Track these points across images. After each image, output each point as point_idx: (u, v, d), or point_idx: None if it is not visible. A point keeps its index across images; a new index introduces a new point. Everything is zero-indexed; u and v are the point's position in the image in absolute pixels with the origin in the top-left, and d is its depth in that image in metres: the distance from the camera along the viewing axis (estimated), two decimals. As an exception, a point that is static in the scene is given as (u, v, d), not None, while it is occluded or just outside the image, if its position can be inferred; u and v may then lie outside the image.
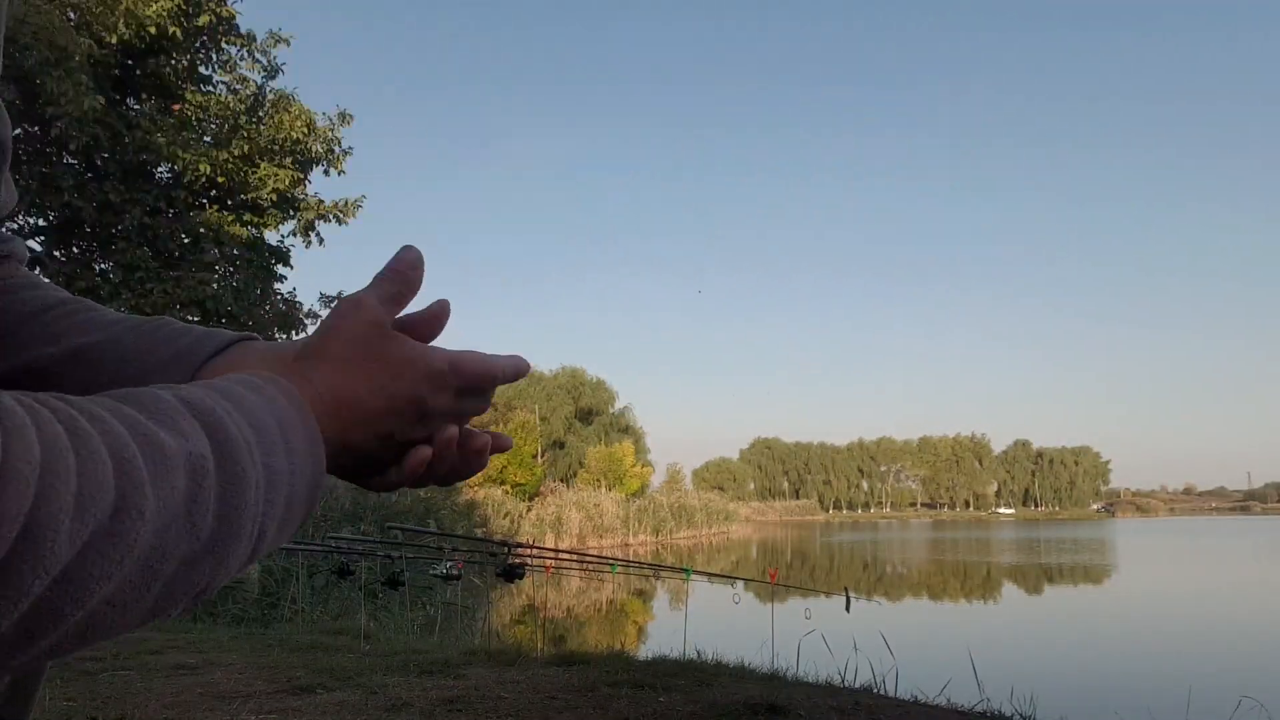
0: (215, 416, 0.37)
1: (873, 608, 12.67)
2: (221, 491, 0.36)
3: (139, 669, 4.58)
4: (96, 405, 0.34)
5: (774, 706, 3.80)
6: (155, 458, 0.33)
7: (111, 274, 12.30)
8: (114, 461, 0.31)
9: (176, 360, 0.54)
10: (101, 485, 0.30)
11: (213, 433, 0.36)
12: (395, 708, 3.80)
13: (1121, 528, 64.52)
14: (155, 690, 4.07)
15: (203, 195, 13.07)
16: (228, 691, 4.09)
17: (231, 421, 0.37)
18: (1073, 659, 10.03)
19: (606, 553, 25.72)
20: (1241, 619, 14.01)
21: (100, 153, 11.78)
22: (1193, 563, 28.87)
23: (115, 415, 0.33)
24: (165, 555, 0.33)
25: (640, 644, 11.49)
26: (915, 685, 5.07)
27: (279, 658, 5.20)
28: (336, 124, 13.61)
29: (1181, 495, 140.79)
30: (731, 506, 55.87)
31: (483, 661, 5.16)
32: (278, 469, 0.39)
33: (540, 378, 58.70)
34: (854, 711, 3.99)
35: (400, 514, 15.66)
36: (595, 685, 4.33)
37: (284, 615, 8.59)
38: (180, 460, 0.34)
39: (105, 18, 11.02)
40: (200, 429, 0.36)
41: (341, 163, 13.92)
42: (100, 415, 0.33)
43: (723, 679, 4.69)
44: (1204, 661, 9.87)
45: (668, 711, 3.74)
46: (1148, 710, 5.66)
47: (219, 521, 0.35)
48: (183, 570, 0.35)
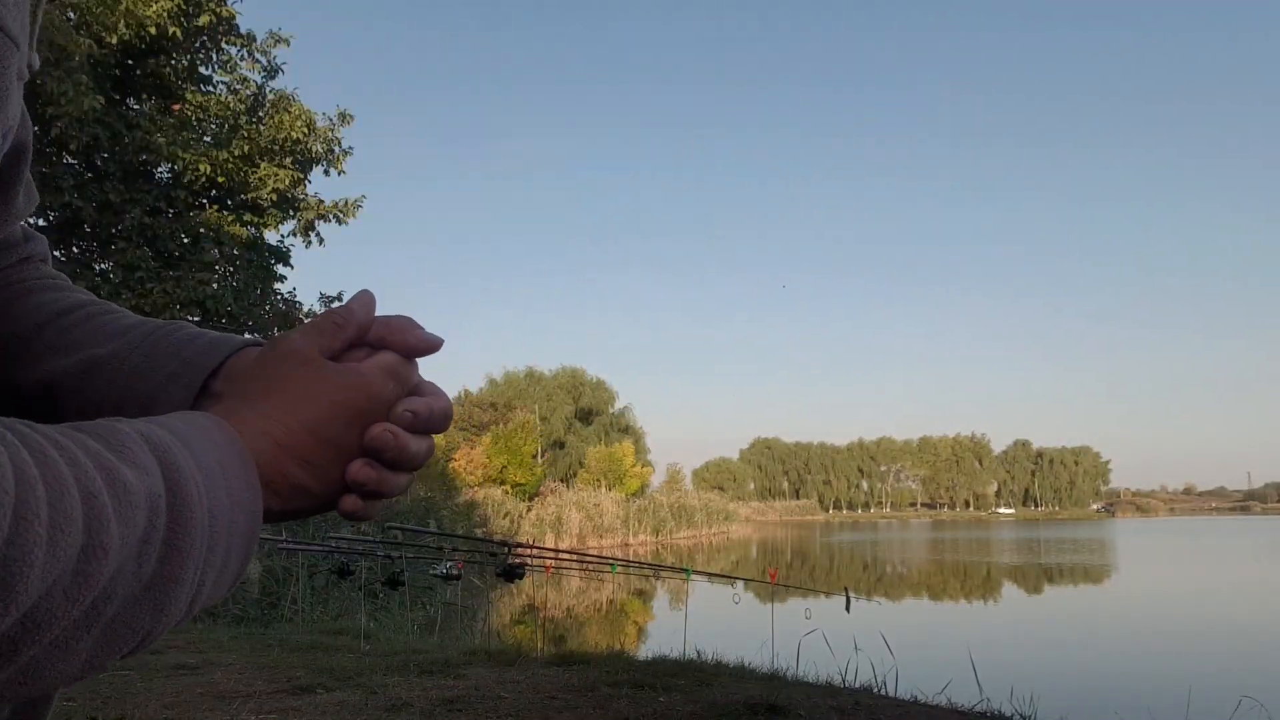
0: (171, 455, 0.36)
1: (873, 608, 12.68)
2: (169, 535, 0.34)
3: (139, 669, 4.58)
4: (61, 435, 0.32)
5: (774, 706, 3.80)
6: (119, 494, 0.32)
7: (111, 274, 12.30)
8: (82, 496, 0.30)
9: (185, 370, 0.53)
10: (71, 520, 0.29)
11: (168, 470, 0.35)
12: (395, 708, 3.80)
13: (1121, 528, 64.52)
14: (155, 690, 4.07)
15: (203, 195, 13.07)
16: (228, 691, 4.09)
17: (184, 461, 0.36)
18: (1073, 659, 10.03)
19: (606, 553, 25.72)
20: (1241, 619, 14.01)
21: (100, 153, 11.78)
22: (1193, 563, 28.88)
23: (80, 447, 0.32)
24: (110, 596, 0.32)
25: (640, 644, 11.49)
26: (915, 685, 5.07)
27: (279, 658, 5.21)
28: (336, 124, 13.61)
29: (1181, 495, 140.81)
30: (731, 506, 55.88)
31: (483, 661, 5.16)
32: (220, 515, 0.37)
33: (540, 378, 58.72)
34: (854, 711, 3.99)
35: (400, 514, 15.66)
36: (595, 685, 4.33)
37: (284, 615, 8.59)
38: (142, 498, 0.33)
39: (105, 18, 11.02)
40: (157, 466, 0.35)
41: (341, 163, 13.92)
42: (66, 446, 0.31)
43: (723, 679, 4.69)
44: (1204, 661, 9.87)
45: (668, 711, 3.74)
46: (1148, 710, 5.66)
47: (162, 564, 0.34)
48: (123, 614, 0.33)
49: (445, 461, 32.10)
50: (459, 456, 35.69)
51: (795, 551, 35.97)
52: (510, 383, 57.10)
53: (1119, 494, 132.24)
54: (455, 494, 27.64)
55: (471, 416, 44.88)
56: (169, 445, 0.36)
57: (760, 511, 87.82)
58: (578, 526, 32.45)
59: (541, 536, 29.33)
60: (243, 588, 9.10)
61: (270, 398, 0.44)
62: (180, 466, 0.35)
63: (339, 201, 14.06)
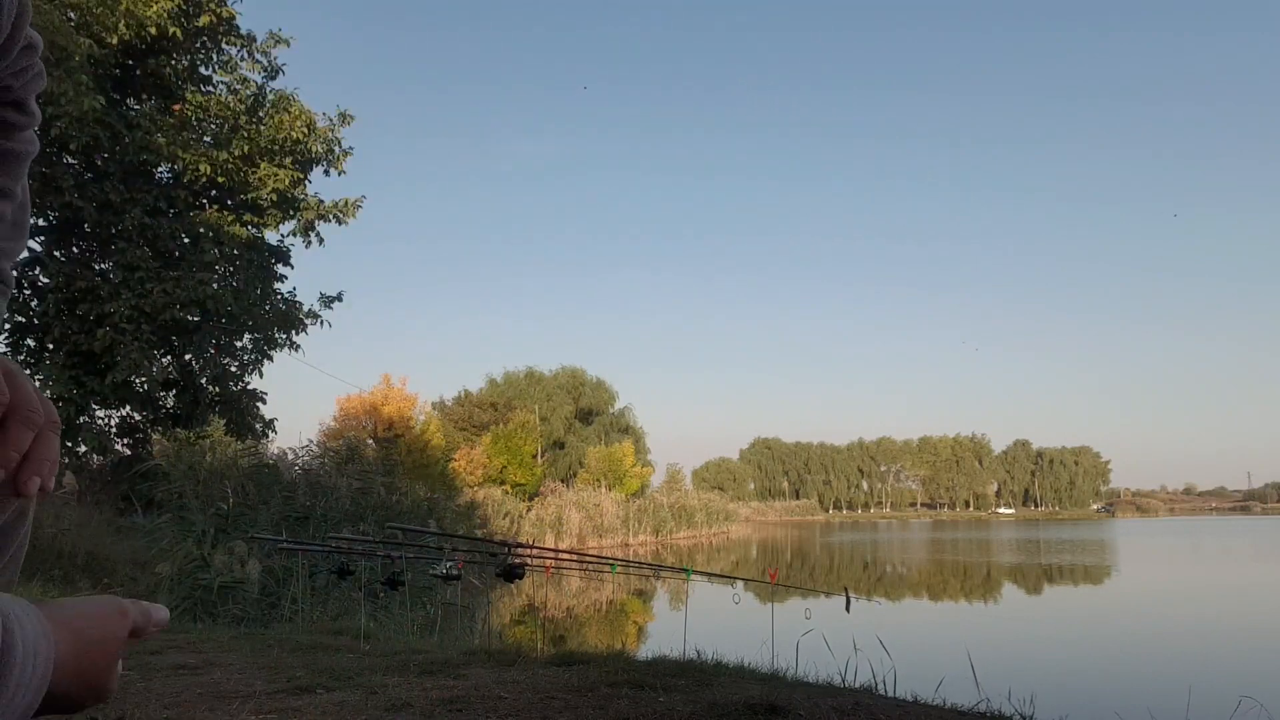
0: (10, 620, 0.43)
1: (873, 608, 12.68)
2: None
3: (139, 669, 4.58)
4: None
5: (774, 707, 3.79)
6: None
7: (111, 274, 12.29)
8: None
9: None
10: None
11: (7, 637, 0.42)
12: (395, 708, 3.80)
13: (1121, 528, 64.51)
14: (155, 690, 4.07)
15: (203, 195, 13.07)
16: (228, 691, 4.08)
17: (21, 636, 0.43)
18: (1072, 659, 10.03)
19: (606, 553, 25.72)
20: (1241, 619, 14.01)
21: (100, 153, 11.77)
22: (1193, 563, 28.87)
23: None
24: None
25: (640, 644, 11.49)
26: (915, 685, 5.07)
27: (279, 658, 5.20)
28: (336, 124, 13.62)
29: (1181, 495, 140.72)
30: (731, 507, 55.90)
31: (483, 661, 5.16)
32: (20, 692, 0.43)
33: (540, 378, 58.70)
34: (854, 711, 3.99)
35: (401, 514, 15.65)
36: (595, 685, 4.33)
37: (284, 615, 8.59)
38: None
39: (105, 18, 11.02)
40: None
41: (341, 163, 13.92)
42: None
43: (723, 679, 4.69)
44: (1204, 661, 9.87)
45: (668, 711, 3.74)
46: (1148, 710, 5.65)
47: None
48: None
49: (445, 461, 32.08)
50: (459, 456, 35.67)
51: (795, 551, 35.96)
52: (510, 383, 57.09)
53: (1119, 494, 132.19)
54: (455, 494, 27.62)
55: (471, 416, 44.87)
56: (7, 612, 0.43)
57: (760, 511, 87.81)
58: (578, 527, 32.44)
59: (541, 536, 29.34)
60: (243, 588, 9.11)
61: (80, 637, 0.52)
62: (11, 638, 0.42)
63: (339, 201, 14.06)
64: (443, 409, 46.26)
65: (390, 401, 31.19)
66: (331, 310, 14.60)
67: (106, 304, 11.81)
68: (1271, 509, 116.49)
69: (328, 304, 14.58)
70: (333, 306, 14.60)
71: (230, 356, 14.42)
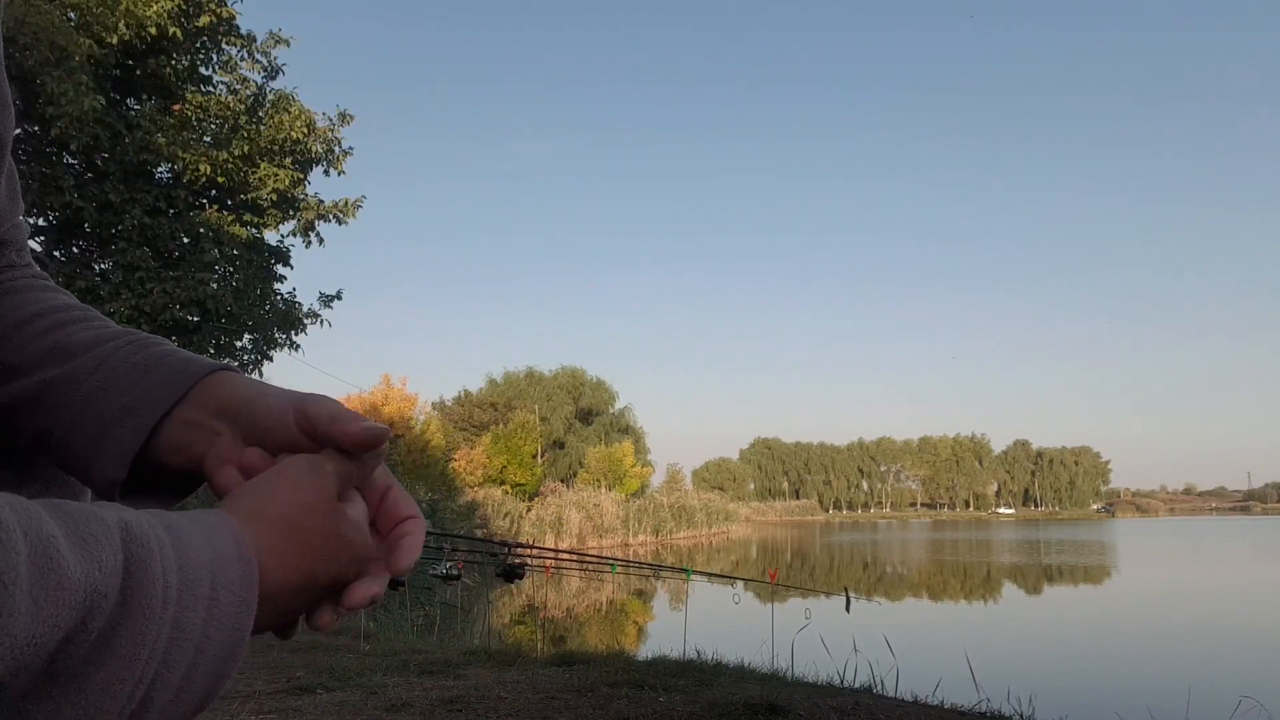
0: (144, 554, 0.33)
1: (872, 608, 12.67)
2: (106, 637, 0.32)
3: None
4: (24, 513, 0.31)
5: (774, 706, 3.79)
6: (45, 585, 0.30)
7: (111, 274, 12.30)
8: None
9: (141, 404, 0.49)
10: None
11: (132, 571, 0.33)
12: (395, 708, 3.80)
13: (1121, 528, 64.50)
14: (155, 690, 4.06)
15: (203, 195, 13.07)
16: (227, 691, 4.08)
17: (157, 566, 0.34)
18: (1072, 659, 10.02)
19: (606, 553, 25.72)
20: (1241, 619, 14.00)
21: (100, 153, 11.78)
22: (1193, 563, 28.86)
23: (32, 532, 0.30)
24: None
25: (640, 644, 11.48)
26: (915, 685, 5.07)
27: (279, 658, 5.20)
28: (336, 124, 13.61)
29: (1181, 495, 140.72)
30: (731, 507, 55.89)
31: (483, 661, 5.16)
32: (188, 628, 0.34)
33: (540, 378, 58.69)
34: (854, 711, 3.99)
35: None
36: (595, 685, 4.33)
37: (284, 615, 8.58)
38: (79, 595, 0.31)
39: (105, 18, 11.02)
40: (120, 565, 0.32)
41: (341, 163, 13.92)
42: (10, 527, 0.30)
43: (723, 679, 4.69)
44: (1204, 661, 9.87)
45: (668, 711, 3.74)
46: (1148, 710, 5.65)
47: (88, 666, 0.31)
48: (22, 707, 0.31)
49: (445, 461, 32.08)
50: (459, 456, 35.67)
51: (795, 551, 35.95)
52: (510, 383, 57.08)
53: (1119, 494, 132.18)
54: (455, 494, 27.62)
55: (471, 416, 44.87)
56: (148, 544, 0.34)
57: (760, 511, 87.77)
58: (578, 527, 32.42)
59: (541, 537, 29.32)
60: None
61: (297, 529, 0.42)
62: (149, 570, 0.33)
63: (339, 201, 14.06)
64: (443, 409, 46.25)
65: (390, 401, 31.19)
66: (331, 310, 14.61)
67: (106, 304, 11.83)
68: (1271, 509, 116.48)
69: (327, 303, 14.58)
70: (332, 306, 14.60)
71: (230, 357, 14.42)
